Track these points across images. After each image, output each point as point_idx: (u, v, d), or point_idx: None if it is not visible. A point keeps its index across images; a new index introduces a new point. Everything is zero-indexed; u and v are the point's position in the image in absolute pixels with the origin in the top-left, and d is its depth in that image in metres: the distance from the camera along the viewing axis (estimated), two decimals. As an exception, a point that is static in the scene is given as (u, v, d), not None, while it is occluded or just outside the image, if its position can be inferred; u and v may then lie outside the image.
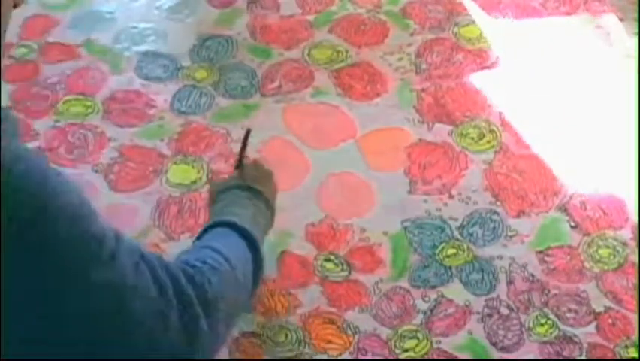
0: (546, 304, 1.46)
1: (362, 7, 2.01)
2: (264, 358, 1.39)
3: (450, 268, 1.51)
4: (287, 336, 1.42)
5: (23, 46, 1.89)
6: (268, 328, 1.42)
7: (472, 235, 1.56)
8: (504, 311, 1.45)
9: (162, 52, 1.90)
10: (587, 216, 1.59)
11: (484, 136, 1.73)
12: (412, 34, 1.94)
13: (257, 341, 1.41)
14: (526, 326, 1.44)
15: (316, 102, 1.80)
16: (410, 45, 1.92)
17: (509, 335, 1.42)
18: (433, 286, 1.48)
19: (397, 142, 1.72)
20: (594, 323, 1.44)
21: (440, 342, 1.41)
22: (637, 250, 1.54)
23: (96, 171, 1.65)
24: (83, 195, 0.84)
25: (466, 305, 1.46)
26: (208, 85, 1.82)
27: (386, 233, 1.56)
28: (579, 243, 1.55)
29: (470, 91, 1.82)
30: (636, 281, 1.49)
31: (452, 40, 1.93)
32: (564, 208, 1.60)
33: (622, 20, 1.98)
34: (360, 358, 1.39)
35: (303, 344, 1.41)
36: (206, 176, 1.64)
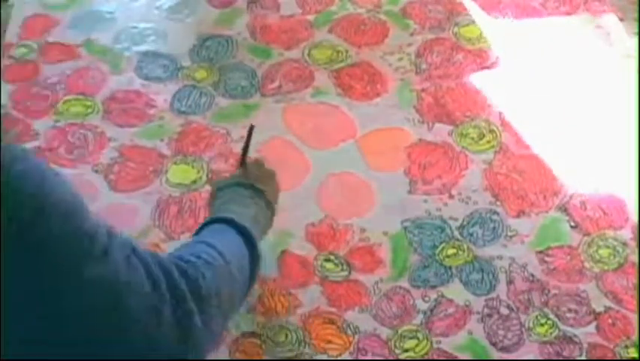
0: (546, 304, 1.46)
1: (362, 7, 2.01)
2: (264, 358, 1.39)
3: (450, 268, 1.51)
4: (287, 336, 1.41)
5: (23, 46, 1.88)
6: (268, 328, 1.42)
7: (472, 235, 1.56)
8: (504, 311, 1.45)
9: (162, 52, 1.90)
10: (587, 216, 1.59)
11: (484, 136, 1.73)
12: (412, 34, 1.94)
13: (257, 341, 1.41)
14: (526, 326, 1.44)
15: (316, 102, 1.80)
16: (410, 45, 1.92)
17: (509, 335, 1.42)
18: (433, 286, 1.48)
19: (397, 142, 1.72)
20: (594, 323, 1.44)
21: (440, 342, 1.41)
22: (637, 250, 1.54)
23: (96, 171, 1.65)
24: (77, 192, 0.84)
25: (466, 305, 1.46)
26: (208, 85, 1.82)
27: (386, 233, 1.56)
28: (579, 243, 1.55)
29: (470, 91, 1.82)
30: (636, 281, 1.49)
31: (452, 40, 1.93)
32: (564, 208, 1.60)
33: (622, 20, 1.97)
34: (360, 358, 1.39)
35: (303, 344, 1.41)
36: (206, 176, 1.64)
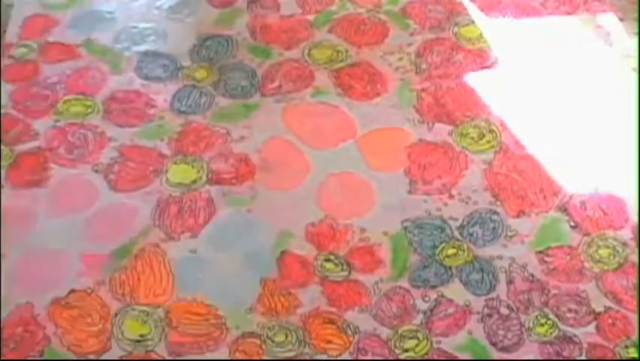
0: (546, 304, 1.46)
1: (362, 7, 2.01)
2: (264, 358, 1.39)
3: (450, 268, 1.51)
4: (287, 336, 1.42)
5: (23, 46, 1.88)
6: (268, 328, 1.42)
7: (472, 235, 1.56)
8: (504, 311, 1.45)
9: (162, 52, 1.90)
10: (587, 216, 1.59)
11: (484, 136, 1.73)
12: (412, 34, 1.94)
13: (257, 341, 1.41)
14: (526, 326, 1.44)
15: (316, 102, 1.80)
16: (410, 45, 1.92)
17: (509, 335, 1.42)
18: (433, 286, 1.49)
19: (397, 142, 1.72)
20: (594, 323, 1.44)
21: (440, 342, 1.41)
22: (637, 250, 1.54)
23: (96, 171, 1.65)
24: None
25: (466, 305, 1.46)
26: (208, 85, 1.83)
27: (386, 233, 1.56)
28: (579, 243, 1.55)
29: (470, 91, 1.82)
30: (636, 281, 1.49)
31: (452, 40, 1.93)
32: (564, 208, 1.60)
33: (622, 20, 1.98)
34: (360, 358, 1.39)
35: (303, 344, 1.41)
36: (206, 176, 1.65)
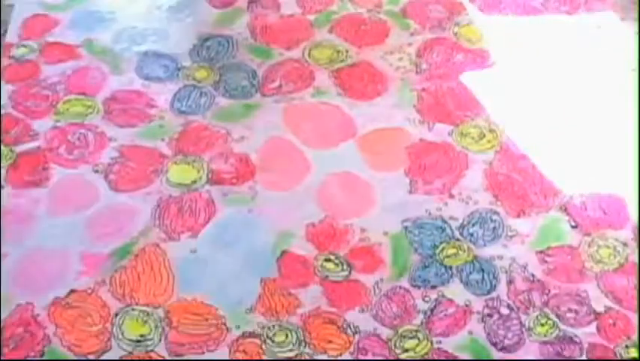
0: (546, 304, 1.46)
1: (362, 7, 2.01)
2: (264, 358, 1.39)
3: (450, 268, 1.51)
4: (287, 336, 1.41)
5: (23, 46, 1.88)
6: (268, 328, 1.42)
7: (472, 235, 1.56)
8: (504, 311, 1.45)
9: (162, 52, 1.90)
10: (587, 216, 1.59)
11: (484, 136, 1.73)
12: (412, 34, 1.94)
13: (257, 341, 1.41)
14: (527, 326, 1.44)
15: (316, 102, 1.80)
16: (410, 45, 1.92)
17: (509, 335, 1.42)
18: (433, 286, 1.48)
19: (397, 142, 1.72)
20: (594, 323, 1.44)
21: (440, 342, 1.41)
22: (637, 250, 1.54)
23: (96, 171, 1.65)
24: None
25: (466, 305, 1.46)
26: (208, 85, 1.82)
27: (386, 233, 1.56)
28: (579, 243, 1.55)
29: (470, 91, 1.82)
30: (636, 281, 1.49)
31: (452, 40, 1.93)
32: (564, 208, 1.60)
33: (622, 20, 1.98)
34: (360, 358, 1.39)
35: (303, 344, 1.41)
36: (207, 176, 1.64)
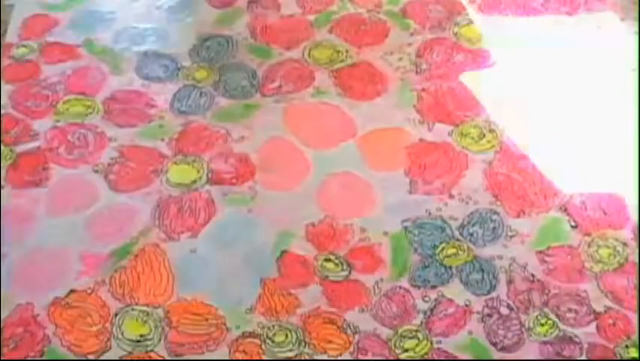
0: (546, 304, 1.46)
1: (362, 7, 2.01)
2: (264, 358, 1.39)
3: (450, 268, 1.51)
4: (287, 336, 1.41)
5: (23, 46, 1.88)
6: (268, 328, 1.42)
7: (472, 235, 1.56)
8: (504, 311, 1.45)
9: (162, 52, 1.90)
10: (587, 216, 1.59)
11: (484, 136, 1.73)
12: (412, 34, 1.94)
13: (257, 341, 1.41)
14: (526, 326, 1.44)
15: (316, 102, 1.80)
16: (410, 45, 1.92)
17: (509, 335, 1.42)
18: (433, 286, 1.48)
19: (397, 142, 1.72)
20: (594, 323, 1.44)
21: (440, 342, 1.41)
22: (637, 250, 1.54)
23: (96, 171, 1.65)
24: None
25: (466, 305, 1.46)
26: (208, 85, 1.82)
27: (386, 233, 1.56)
28: (579, 243, 1.55)
29: (470, 91, 1.82)
30: (636, 281, 1.49)
31: (452, 40, 1.93)
32: (564, 208, 1.60)
33: (622, 20, 1.98)
34: (360, 358, 1.39)
35: (303, 344, 1.41)
36: (206, 176, 1.64)
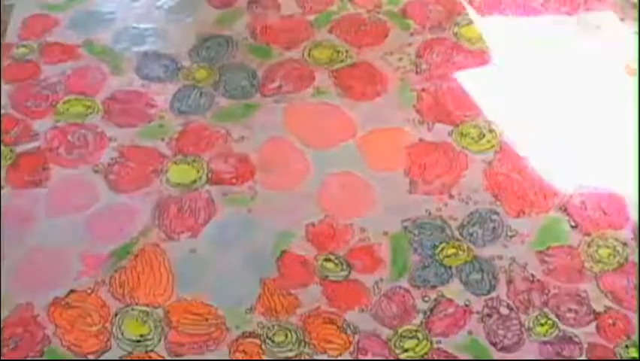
0: (546, 304, 1.46)
1: (362, 7, 2.01)
2: (264, 358, 1.39)
3: (450, 268, 1.51)
4: (287, 336, 1.41)
5: (23, 46, 1.88)
6: (268, 328, 1.42)
7: (472, 235, 1.56)
8: (504, 311, 1.45)
9: (162, 52, 1.90)
10: (587, 216, 1.59)
11: (484, 136, 1.73)
12: (412, 34, 1.94)
13: (257, 341, 1.41)
14: (526, 326, 1.44)
15: (316, 102, 1.80)
16: (410, 45, 1.92)
17: (509, 335, 1.42)
18: (433, 286, 1.48)
19: (397, 142, 1.72)
20: (594, 323, 1.44)
21: (440, 342, 1.41)
22: (637, 250, 1.54)
23: (96, 171, 1.65)
24: None
25: (466, 305, 1.46)
26: (208, 85, 1.83)
27: (386, 233, 1.56)
28: (579, 243, 1.55)
29: (470, 91, 1.82)
30: (636, 281, 1.49)
31: (452, 40, 1.93)
32: (564, 208, 1.60)
33: (622, 20, 1.98)
34: (360, 358, 1.39)
35: (303, 344, 1.41)
36: (206, 176, 1.65)
